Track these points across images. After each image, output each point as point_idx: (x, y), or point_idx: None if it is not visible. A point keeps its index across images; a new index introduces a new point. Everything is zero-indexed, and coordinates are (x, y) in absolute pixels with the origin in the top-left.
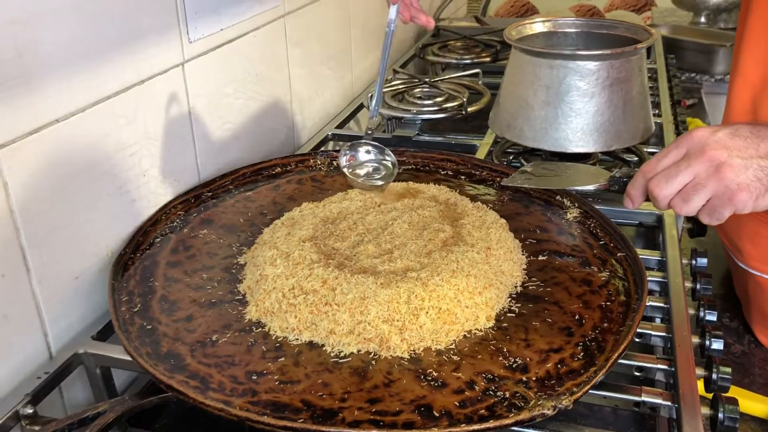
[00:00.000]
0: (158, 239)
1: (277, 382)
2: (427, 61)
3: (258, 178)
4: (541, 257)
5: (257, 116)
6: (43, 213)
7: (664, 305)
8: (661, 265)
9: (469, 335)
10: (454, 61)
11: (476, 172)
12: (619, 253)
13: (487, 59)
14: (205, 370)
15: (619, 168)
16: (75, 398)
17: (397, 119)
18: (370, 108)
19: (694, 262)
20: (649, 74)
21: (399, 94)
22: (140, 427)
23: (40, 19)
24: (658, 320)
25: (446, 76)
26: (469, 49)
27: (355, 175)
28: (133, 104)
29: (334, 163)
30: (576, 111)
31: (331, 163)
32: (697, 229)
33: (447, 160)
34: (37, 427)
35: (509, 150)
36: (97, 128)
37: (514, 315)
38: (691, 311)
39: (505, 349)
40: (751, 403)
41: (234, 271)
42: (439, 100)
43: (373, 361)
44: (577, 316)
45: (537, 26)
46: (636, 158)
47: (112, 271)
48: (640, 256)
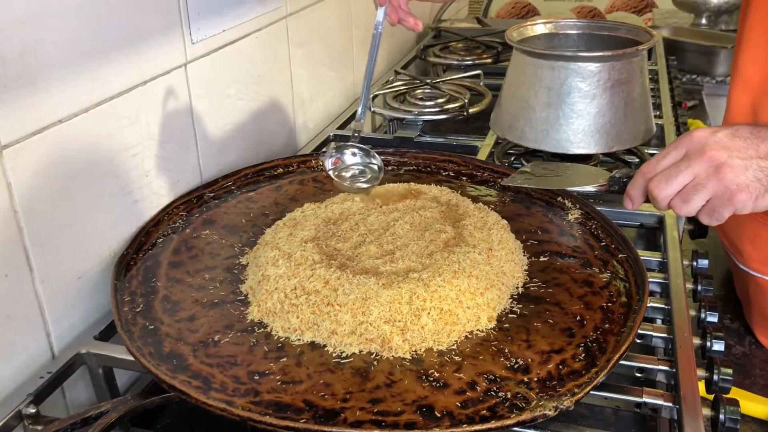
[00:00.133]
0: (160, 239)
1: (279, 383)
2: (429, 63)
3: (260, 178)
4: (542, 258)
5: (259, 117)
6: (46, 213)
7: (665, 306)
8: (662, 267)
9: (470, 336)
10: (456, 63)
11: (478, 174)
12: (621, 255)
13: (489, 60)
14: (208, 370)
15: (620, 169)
16: (77, 398)
17: (399, 120)
18: (357, 111)
19: (695, 264)
20: (650, 76)
21: (400, 95)
22: (142, 427)
23: (43, 20)
24: (659, 321)
25: (448, 78)
26: (471, 51)
27: (341, 178)
28: (135, 105)
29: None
30: (577, 112)
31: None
32: (698, 231)
33: (448, 161)
34: (40, 427)
35: (511, 151)
36: (99, 129)
37: (515, 316)
38: (692, 312)
39: (506, 350)
40: (752, 405)
41: (236, 272)
42: (440, 101)
43: (374, 362)
44: (578, 317)
45: (538, 28)
46: (637, 160)
47: (115, 272)
48: (641, 258)
